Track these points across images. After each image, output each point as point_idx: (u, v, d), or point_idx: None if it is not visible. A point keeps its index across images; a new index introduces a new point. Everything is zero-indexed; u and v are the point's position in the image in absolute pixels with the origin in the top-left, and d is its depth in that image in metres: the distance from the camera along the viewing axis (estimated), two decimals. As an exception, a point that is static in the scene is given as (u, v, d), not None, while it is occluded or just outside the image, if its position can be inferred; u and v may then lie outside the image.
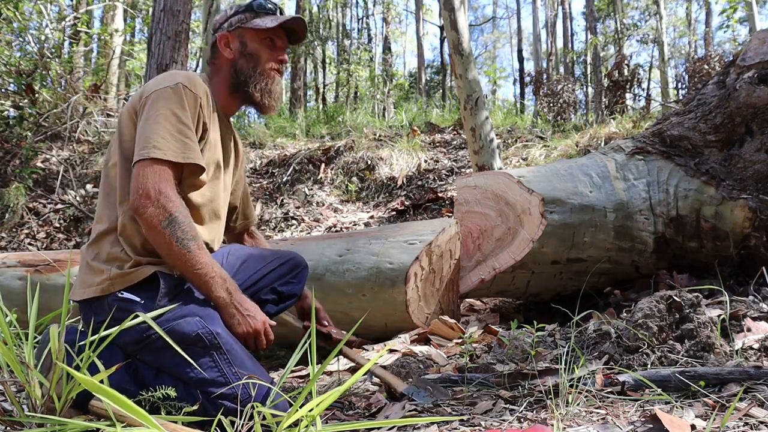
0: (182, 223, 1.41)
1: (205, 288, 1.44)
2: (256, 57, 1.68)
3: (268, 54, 1.69)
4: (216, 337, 1.40)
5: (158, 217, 1.39)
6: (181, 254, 1.41)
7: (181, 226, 1.40)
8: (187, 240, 1.41)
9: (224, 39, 1.69)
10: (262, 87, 1.68)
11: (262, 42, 1.68)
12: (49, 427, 1.15)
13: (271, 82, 1.70)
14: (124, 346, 1.44)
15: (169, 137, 1.44)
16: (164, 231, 1.40)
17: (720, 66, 8.24)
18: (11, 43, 7.35)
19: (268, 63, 1.69)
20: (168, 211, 1.40)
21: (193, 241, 1.42)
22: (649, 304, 1.68)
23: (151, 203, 1.39)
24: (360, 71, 16.66)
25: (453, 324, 2.31)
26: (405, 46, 30.17)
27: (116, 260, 1.48)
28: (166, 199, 1.40)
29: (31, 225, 6.24)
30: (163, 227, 1.39)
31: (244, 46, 1.68)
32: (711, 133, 2.61)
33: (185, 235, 1.41)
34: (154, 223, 1.39)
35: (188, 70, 1.74)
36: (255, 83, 1.67)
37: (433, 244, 2.46)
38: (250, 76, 1.67)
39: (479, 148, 5.34)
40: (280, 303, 1.83)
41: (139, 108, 1.52)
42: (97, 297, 1.46)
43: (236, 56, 1.68)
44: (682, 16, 22.86)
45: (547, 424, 1.26)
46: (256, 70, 1.68)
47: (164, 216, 1.39)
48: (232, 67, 1.68)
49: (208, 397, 1.37)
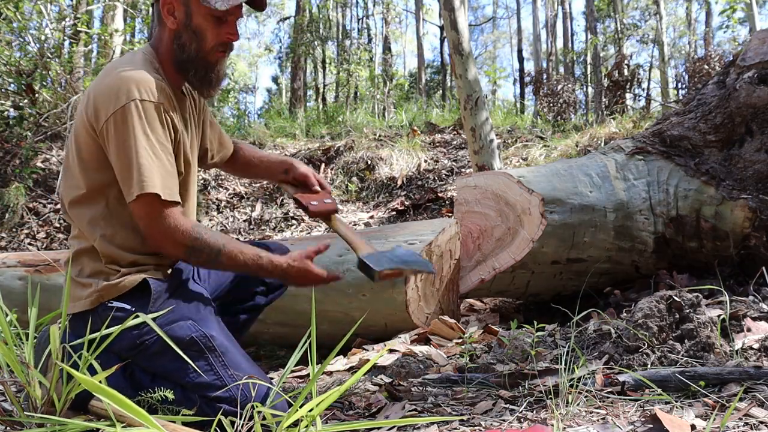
0: (201, 247, 1.41)
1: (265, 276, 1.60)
2: (199, 35, 1.47)
3: (215, 32, 1.47)
4: (210, 340, 1.39)
5: (178, 251, 1.42)
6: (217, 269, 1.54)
7: (202, 250, 1.41)
8: (215, 258, 1.43)
9: (168, 5, 1.47)
10: (201, 76, 1.51)
11: (208, 18, 1.46)
12: (49, 427, 1.15)
13: (212, 68, 1.51)
14: (119, 352, 1.42)
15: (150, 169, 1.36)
16: (191, 259, 1.45)
17: (720, 66, 8.24)
18: (11, 43, 7.35)
19: (213, 43, 1.48)
20: (184, 244, 1.40)
21: (222, 253, 1.42)
22: (649, 304, 1.68)
23: (167, 245, 1.41)
24: (360, 71, 16.66)
25: (453, 324, 2.31)
26: (405, 46, 30.18)
27: (101, 273, 1.45)
28: (174, 233, 1.39)
29: (31, 225, 6.24)
30: (188, 256, 1.43)
31: (188, 18, 1.46)
32: (711, 133, 2.61)
33: (210, 255, 1.42)
34: (182, 257, 1.45)
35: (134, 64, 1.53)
36: (194, 69, 1.49)
37: (433, 244, 2.46)
38: (191, 59, 1.48)
39: (479, 148, 5.34)
40: (269, 294, 1.84)
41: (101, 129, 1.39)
42: (87, 310, 1.44)
43: (179, 27, 1.47)
44: (682, 16, 22.86)
45: (547, 424, 1.26)
46: (198, 53, 1.48)
47: (184, 250, 1.41)
48: (175, 41, 1.48)
49: (205, 401, 1.37)
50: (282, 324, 2.62)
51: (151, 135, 1.38)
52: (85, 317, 1.43)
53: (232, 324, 1.77)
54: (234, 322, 1.78)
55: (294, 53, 16.01)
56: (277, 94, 27.82)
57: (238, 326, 1.79)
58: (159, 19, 1.52)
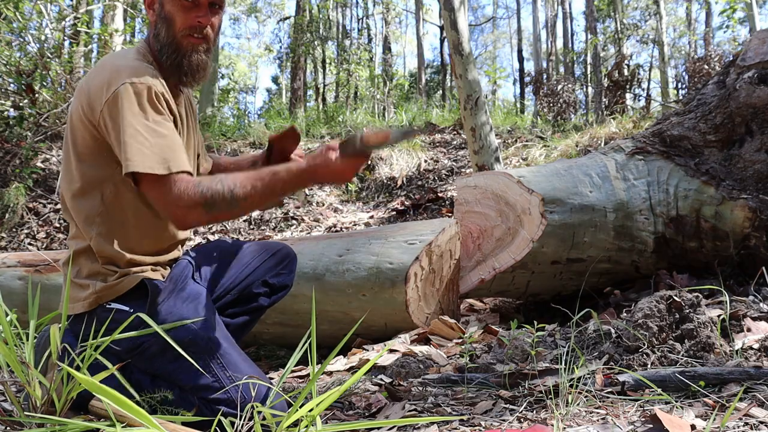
0: (212, 195, 1.33)
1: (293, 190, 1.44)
2: (170, 21, 1.46)
3: (183, 17, 1.46)
4: (208, 342, 1.39)
5: (200, 215, 1.34)
6: (246, 206, 1.38)
7: (215, 198, 1.33)
8: (231, 199, 1.34)
9: (148, 0, 1.50)
10: (172, 60, 1.48)
11: (176, 3, 1.46)
12: (49, 427, 1.15)
13: (187, 51, 1.48)
14: (118, 354, 1.41)
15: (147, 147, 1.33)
16: (216, 214, 1.36)
17: (720, 66, 8.24)
18: (11, 43, 7.35)
19: (181, 26, 1.46)
20: (196, 205, 1.33)
21: (236, 190, 1.35)
22: (649, 304, 1.68)
23: (182, 215, 1.35)
24: (360, 71, 16.66)
25: (453, 324, 2.31)
26: (405, 46, 30.18)
27: (99, 275, 1.44)
28: (181, 200, 1.33)
29: (31, 225, 6.24)
30: (212, 213, 1.35)
31: (161, 8, 1.47)
32: (711, 133, 2.61)
33: (226, 199, 1.34)
34: (207, 219, 1.37)
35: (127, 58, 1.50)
36: (166, 55, 1.48)
37: (433, 244, 2.46)
38: (163, 45, 1.48)
39: (479, 148, 5.34)
40: (273, 295, 1.82)
41: (98, 120, 1.39)
42: (86, 311, 1.43)
43: (156, 19, 1.49)
44: (682, 16, 22.86)
45: (547, 424, 1.26)
46: (170, 38, 1.47)
47: (201, 211, 1.34)
48: (153, 32, 1.50)
49: (204, 402, 1.37)
50: (282, 324, 2.62)
51: (140, 113, 1.35)
52: (83, 318, 1.43)
53: (234, 325, 1.77)
54: (235, 323, 1.78)
55: (294, 53, 16.02)
56: (277, 94, 27.83)
57: (239, 327, 1.79)
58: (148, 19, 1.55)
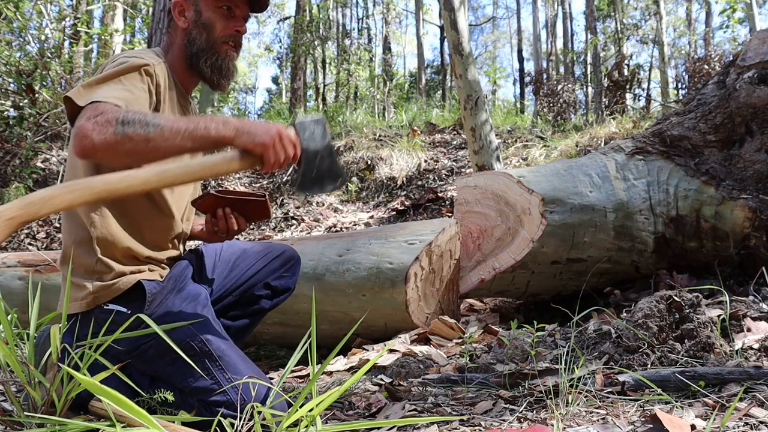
0: (131, 112, 1.23)
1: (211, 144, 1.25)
2: (209, 27, 1.54)
3: (224, 24, 1.54)
4: (206, 344, 1.39)
5: (107, 133, 1.19)
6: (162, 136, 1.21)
7: (135, 116, 1.22)
8: (150, 121, 1.22)
9: (179, 6, 1.56)
10: (212, 62, 1.55)
11: (217, 10, 1.54)
12: (49, 427, 1.15)
13: (223, 57, 1.56)
14: (117, 356, 1.41)
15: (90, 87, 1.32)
16: (126, 135, 1.20)
17: (720, 66, 8.24)
18: (11, 43, 7.35)
19: (222, 34, 1.54)
20: (111, 120, 1.20)
21: (159, 116, 1.25)
22: (649, 304, 1.68)
23: (91, 131, 1.20)
24: (360, 71, 16.66)
25: (453, 324, 2.31)
26: (405, 47, 30.18)
27: (95, 273, 1.44)
28: (101, 115, 1.21)
29: (31, 225, 6.23)
30: (121, 133, 1.19)
31: (198, 15, 1.54)
32: (711, 133, 2.61)
33: (145, 119, 1.22)
34: (110, 141, 1.19)
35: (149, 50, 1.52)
36: (206, 58, 1.54)
37: (433, 244, 2.46)
38: (203, 48, 1.54)
39: (479, 148, 5.34)
40: (275, 297, 1.82)
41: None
42: (83, 312, 1.43)
43: (190, 26, 1.55)
44: (682, 16, 22.86)
45: (547, 424, 1.26)
46: (209, 43, 1.54)
47: (112, 126, 1.20)
48: (186, 38, 1.55)
49: (203, 404, 1.36)
50: (282, 324, 2.62)
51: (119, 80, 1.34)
52: (81, 319, 1.43)
53: (234, 328, 1.77)
54: (236, 325, 1.78)
55: (294, 53, 16.01)
56: (277, 94, 27.83)
57: (240, 330, 1.79)
58: (170, 26, 1.59)
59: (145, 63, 1.41)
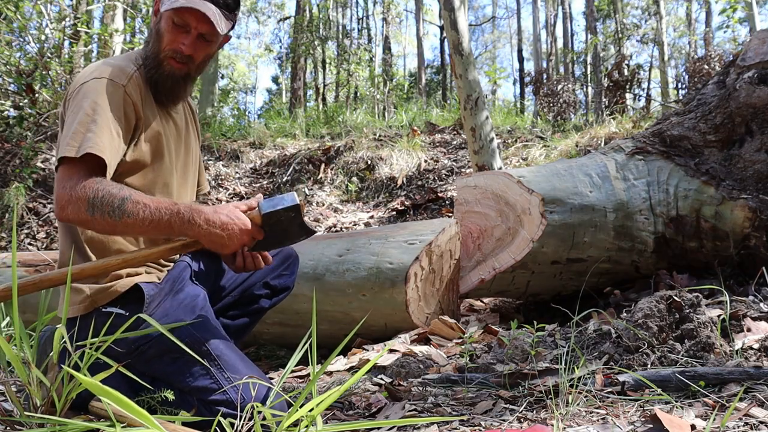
0: (103, 196, 1.30)
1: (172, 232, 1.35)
2: (159, 37, 1.49)
3: (171, 37, 1.48)
4: (205, 344, 1.39)
5: (81, 210, 1.30)
6: (126, 224, 1.31)
7: (104, 200, 1.30)
8: (118, 207, 1.30)
9: (155, 5, 1.52)
10: (152, 75, 1.50)
11: (169, 22, 1.47)
12: (49, 427, 1.15)
13: (164, 73, 1.49)
14: (116, 358, 1.42)
15: (72, 134, 1.34)
16: (96, 218, 1.30)
17: (720, 66, 8.24)
18: (11, 43, 7.35)
19: (166, 47, 1.48)
20: (84, 199, 1.30)
21: (127, 201, 1.31)
22: (649, 304, 1.68)
23: (67, 204, 1.31)
24: (360, 71, 16.66)
25: (453, 324, 2.31)
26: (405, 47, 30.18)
27: (91, 277, 1.45)
28: (74, 190, 1.30)
29: (31, 225, 6.24)
30: (92, 215, 1.30)
31: (158, 20, 1.50)
32: (711, 133, 2.61)
33: (113, 205, 1.30)
34: (84, 219, 1.31)
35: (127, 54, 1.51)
36: (148, 68, 1.50)
37: (433, 244, 2.46)
38: (147, 57, 1.50)
39: (479, 148, 5.34)
40: (274, 296, 1.82)
41: (66, 106, 1.44)
42: (82, 315, 1.44)
43: (152, 26, 1.52)
44: (682, 16, 22.86)
45: (547, 424, 1.26)
46: (155, 53, 1.49)
47: (84, 206, 1.30)
48: (146, 40, 1.53)
49: (204, 404, 1.37)
50: (282, 324, 2.62)
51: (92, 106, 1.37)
52: (80, 322, 1.44)
53: (234, 327, 1.77)
54: (236, 325, 1.77)
55: (294, 53, 16.01)
56: (277, 94, 27.83)
57: (239, 329, 1.79)
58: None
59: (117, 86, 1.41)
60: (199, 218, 1.33)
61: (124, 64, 1.47)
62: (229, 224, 1.34)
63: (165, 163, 1.54)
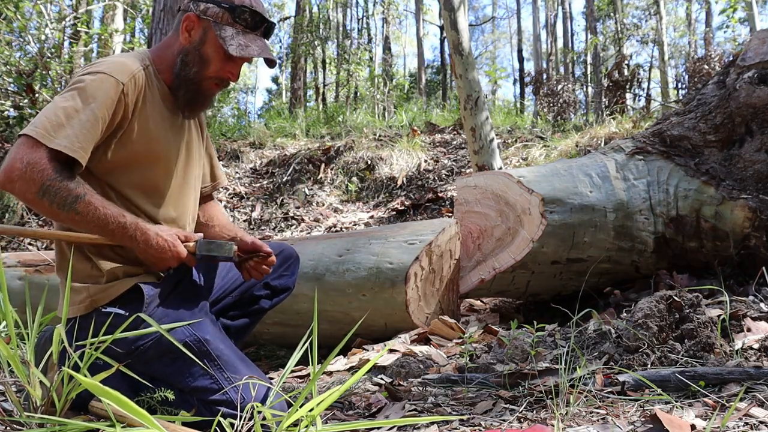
0: (59, 187, 1.32)
1: (113, 240, 1.40)
2: (205, 62, 1.51)
3: (219, 66, 1.51)
4: (204, 344, 1.39)
5: (30, 190, 1.31)
6: (71, 218, 1.35)
7: (59, 191, 1.32)
8: (70, 203, 1.33)
9: (189, 22, 1.51)
10: (189, 98, 1.54)
11: (218, 51, 1.50)
12: (49, 427, 1.15)
13: (204, 94, 1.54)
14: (116, 358, 1.42)
15: (53, 118, 1.34)
16: (43, 202, 1.32)
17: (720, 66, 8.24)
18: (11, 43, 7.35)
19: (213, 74, 1.52)
20: (38, 182, 1.30)
21: (80, 201, 1.33)
22: (649, 304, 1.68)
23: (18, 177, 1.30)
24: (360, 71, 16.65)
25: (453, 324, 2.31)
26: (405, 47, 30.18)
27: (90, 277, 1.45)
28: (33, 170, 1.30)
29: (31, 225, 6.23)
30: (40, 198, 1.32)
31: (201, 43, 1.50)
32: (711, 133, 2.61)
33: (66, 199, 1.32)
34: (29, 198, 1.32)
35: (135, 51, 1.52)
36: (185, 89, 1.53)
37: (433, 244, 2.46)
38: (187, 79, 1.52)
39: (479, 148, 5.34)
40: (274, 297, 1.82)
41: (66, 85, 1.45)
42: (82, 315, 1.44)
43: (189, 46, 1.51)
44: (682, 16, 22.85)
45: (547, 424, 1.26)
46: (197, 77, 1.52)
47: (36, 187, 1.30)
48: (180, 55, 1.52)
49: (203, 404, 1.37)
50: (282, 324, 2.62)
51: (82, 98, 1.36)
52: (80, 322, 1.44)
53: (234, 327, 1.77)
54: (236, 325, 1.77)
55: (294, 53, 16.01)
56: (277, 94, 27.82)
57: (239, 330, 1.79)
58: (175, 28, 1.56)
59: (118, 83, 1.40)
60: (140, 237, 1.40)
61: (130, 62, 1.46)
62: (165, 249, 1.43)
63: (160, 167, 1.52)
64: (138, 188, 1.49)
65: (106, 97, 1.38)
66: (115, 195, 1.47)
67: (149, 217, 1.50)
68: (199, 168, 1.69)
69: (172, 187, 1.56)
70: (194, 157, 1.66)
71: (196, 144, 1.67)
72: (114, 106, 1.40)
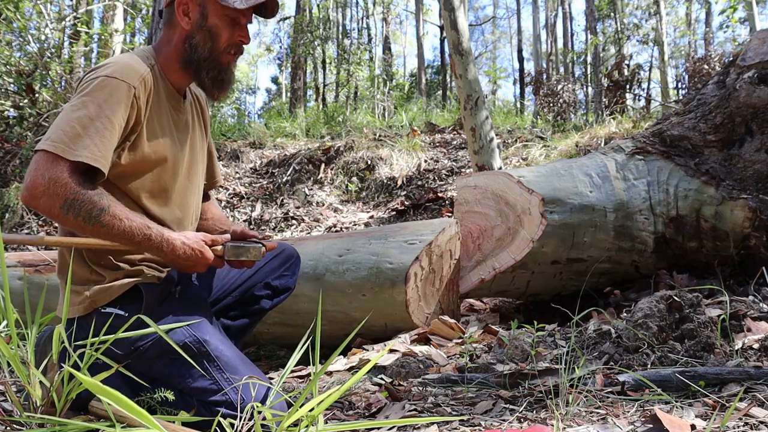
0: (83, 201, 1.31)
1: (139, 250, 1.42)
2: (215, 35, 1.49)
3: (229, 33, 1.50)
4: (204, 345, 1.39)
5: (55, 205, 1.30)
6: (97, 231, 1.34)
7: (83, 205, 1.31)
8: (95, 216, 1.32)
9: (183, 5, 1.49)
10: (214, 76, 1.52)
11: (224, 18, 1.49)
12: (49, 427, 1.15)
13: (225, 69, 1.53)
14: (116, 358, 1.40)
15: (69, 129, 1.32)
16: (68, 216, 1.31)
17: (720, 66, 8.24)
18: (11, 43, 7.35)
19: (226, 44, 1.50)
20: (62, 196, 1.29)
21: (105, 213, 1.32)
22: (649, 304, 1.69)
23: (42, 194, 1.29)
24: (360, 71, 16.66)
25: (453, 324, 2.31)
26: (405, 47, 30.17)
27: (90, 281, 1.45)
28: (55, 185, 1.29)
29: (31, 225, 6.24)
30: (65, 213, 1.31)
31: (203, 19, 1.49)
32: (711, 133, 2.61)
33: (91, 213, 1.31)
34: (54, 213, 1.31)
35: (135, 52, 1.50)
36: (207, 69, 1.51)
37: (433, 244, 2.46)
38: (205, 58, 1.50)
39: (479, 148, 5.34)
40: (275, 297, 1.81)
41: (75, 91, 1.42)
42: (81, 316, 1.44)
43: (193, 29, 1.49)
44: (682, 16, 22.85)
45: (547, 424, 1.26)
46: (213, 53, 1.50)
47: (61, 202, 1.30)
48: (187, 41, 1.50)
49: (203, 405, 1.37)
50: (282, 324, 2.62)
51: (96, 105, 1.35)
52: (80, 323, 1.44)
53: (234, 328, 1.77)
54: (236, 325, 1.77)
55: (294, 53, 16.01)
56: (277, 94, 27.82)
57: (240, 330, 1.79)
58: (168, 21, 1.53)
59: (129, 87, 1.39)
60: (167, 248, 1.40)
61: (137, 64, 1.44)
62: (192, 257, 1.43)
63: (167, 168, 1.52)
64: (147, 190, 1.49)
65: (119, 102, 1.36)
66: (124, 197, 1.45)
67: (156, 218, 1.49)
68: (202, 166, 1.69)
69: (177, 188, 1.56)
70: (198, 156, 1.65)
71: (199, 142, 1.66)
72: (128, 111, 1.39)
